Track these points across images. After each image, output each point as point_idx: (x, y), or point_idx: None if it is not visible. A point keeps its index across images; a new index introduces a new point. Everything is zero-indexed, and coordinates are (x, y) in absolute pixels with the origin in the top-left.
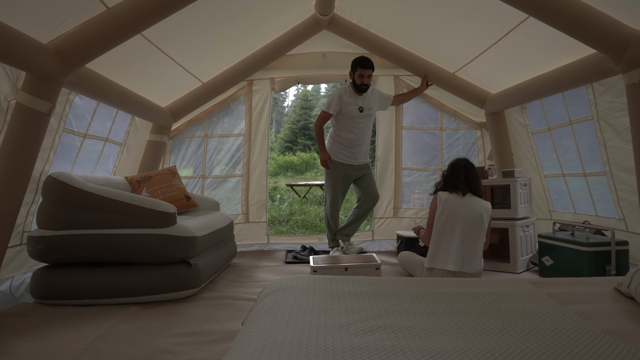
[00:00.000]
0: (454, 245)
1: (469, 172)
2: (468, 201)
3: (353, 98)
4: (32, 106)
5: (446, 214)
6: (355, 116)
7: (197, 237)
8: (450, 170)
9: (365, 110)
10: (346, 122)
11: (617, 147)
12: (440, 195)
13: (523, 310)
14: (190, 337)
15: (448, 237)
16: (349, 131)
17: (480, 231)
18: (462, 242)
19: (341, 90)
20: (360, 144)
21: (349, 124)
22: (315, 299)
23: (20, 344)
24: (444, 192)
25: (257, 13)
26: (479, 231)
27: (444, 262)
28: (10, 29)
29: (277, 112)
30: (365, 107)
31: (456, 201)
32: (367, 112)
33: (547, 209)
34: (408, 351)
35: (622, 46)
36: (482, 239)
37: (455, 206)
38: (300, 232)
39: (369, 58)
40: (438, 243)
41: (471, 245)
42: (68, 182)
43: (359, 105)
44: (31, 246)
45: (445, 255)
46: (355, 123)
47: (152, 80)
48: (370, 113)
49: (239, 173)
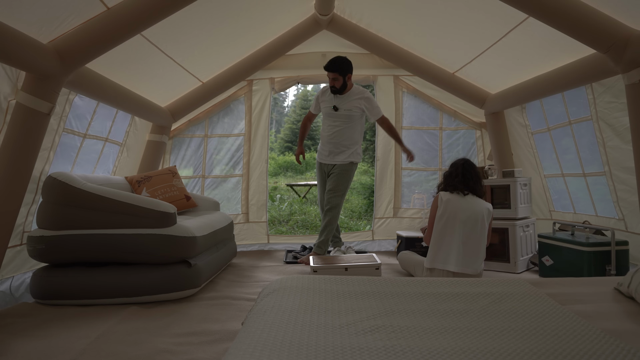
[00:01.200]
0: (454, 245)
1: (466, 171)
2: (469, 201)
3: (328, 96)
4: (32, 106)
5: (447, 214)
6: (329, 114)
7: (197, 236)
8: (448, 170)
9: (340, 110)
10: (325, 119)
11: (617, 147)
12: (441, 196)
13: (523, 311)
14: (190, 337)
15: (449, 238)
16: (325, 129)
17: (481, 232)
18: (464, 243)
19: (322, 89)
20: (335, 143)
21: (326, 122)
22: (315, 299)
23: (20, 344)
24: (445, 193)
25: (257, 13)
26: (480, 232)
27: (444, 263)
28: (10, 29)
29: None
30: (341, 107)
31: (457, 202)
32: (344, 113)
33: (547, 209)
34: (408, 351)
35: (621, 46)
36: (483, 240)
37: (456, 207)
38: (300, 232)
39: (332, 60)
40: (439, 243)
41: (472, 245)
42: (68, 182)
43: (332, 104)
44: (31, 246)
45: (446, 255)
46: (331, 121)
47: (152, 80)
48: (350, 115)
49: (239, 173)
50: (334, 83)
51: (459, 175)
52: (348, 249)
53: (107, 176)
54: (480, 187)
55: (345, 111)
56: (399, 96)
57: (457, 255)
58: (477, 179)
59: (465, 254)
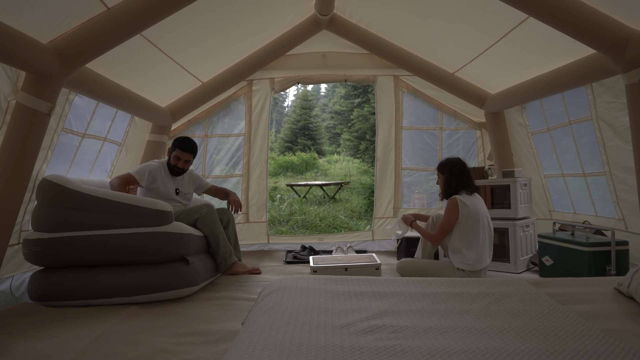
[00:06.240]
0: (487, 242)
1: (467, 170)
2: (478, 198)
3: (168, 178)
4: (32, 106)
5: (473, 215)
6: (172, 198)
7: (193, 234)
8: (456, 170)
9: (180, 194)
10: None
11: (617, 147)
12: (461, 199)
13: (523, 310)
14: (190, 337)
15: (482, 237)
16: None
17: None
18: (490, 238)
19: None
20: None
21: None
22: (315, 299)
23: (20, 344)
24: (463, 195)
25: (257, 13)
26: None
27: (481, 261)
28: (10, 29)
29: (277, 112)
30: (182, 190)
31: (475, 201)
32: (185, 196)
33: (547, 209)
34: (408, 351)
35: (621, 46)
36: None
37: (477, 206)
38: (300, 232)
39: (191, 141)
40: (474, 244)
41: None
42: (63, 184)
43: (175, 186)
44: (27, 249)
45: (482, 253)
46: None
47: (152, 80)
48: (188, 197)
49: (239, 173)
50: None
51: (469, 175)
52: (348, 249)
53: (103, 180)
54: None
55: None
56: (399, 96)
57: (490, 251)
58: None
59: (491, 246)
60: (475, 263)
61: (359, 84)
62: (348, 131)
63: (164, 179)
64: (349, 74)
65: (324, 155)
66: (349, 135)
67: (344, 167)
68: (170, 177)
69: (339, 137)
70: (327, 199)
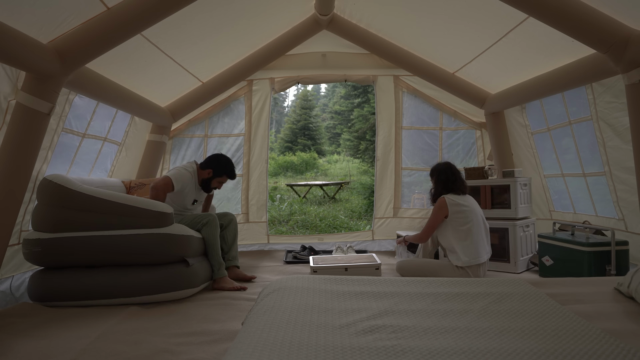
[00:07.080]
0: (482, 238)
1: (457, 174)
2: (471, 198)
3: (194, 189)
4: (32, 106)
5: (466, 213)
6: (186, 208)
7: (193, 236)
8: (443, 176)
9: (195, 204)
10: (176, 205)
11: (617, 147)
12: (449, 198)
13: (523, 310)
14: (190, 337)
15: (476, 233)
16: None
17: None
18: (486, 233)
19: (190, 177)
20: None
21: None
22: (315, 299)
23: (20, 344)
24: (451, 195)
25: (257, 13)
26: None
27: (477, 257)
28: (10, 29)
29: (277, 112)
30: (199, 200)
31: (467, 201)
32: (197, 206)
33: (547, 209)
34: (408, 351)
35: (621, 46)
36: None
37: (470, 205)
38: (300, 232)
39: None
40: (467, 241)
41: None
42: (64, 184)
43: (195, 197)
44: (27, 249)
45: (477, 249)
46: (183, 210)
47: (152, 80)
48: (197, 207)
49: (238, 173)
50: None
51: (455, 179)
52: (348, 249)
53: (104, 179)
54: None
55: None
56: (399, 96)
57: (486, 246)
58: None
59: (488, 243)
60: (472, 258)
61: (359, 84)
62: (348, 131)
63: (191, 190)
64: (349, 74)
65: (324, 155)
66: (349, 135)
67: (344, 167)
68: (196, 189)
69: (339, 137)
70: (327, 199)
